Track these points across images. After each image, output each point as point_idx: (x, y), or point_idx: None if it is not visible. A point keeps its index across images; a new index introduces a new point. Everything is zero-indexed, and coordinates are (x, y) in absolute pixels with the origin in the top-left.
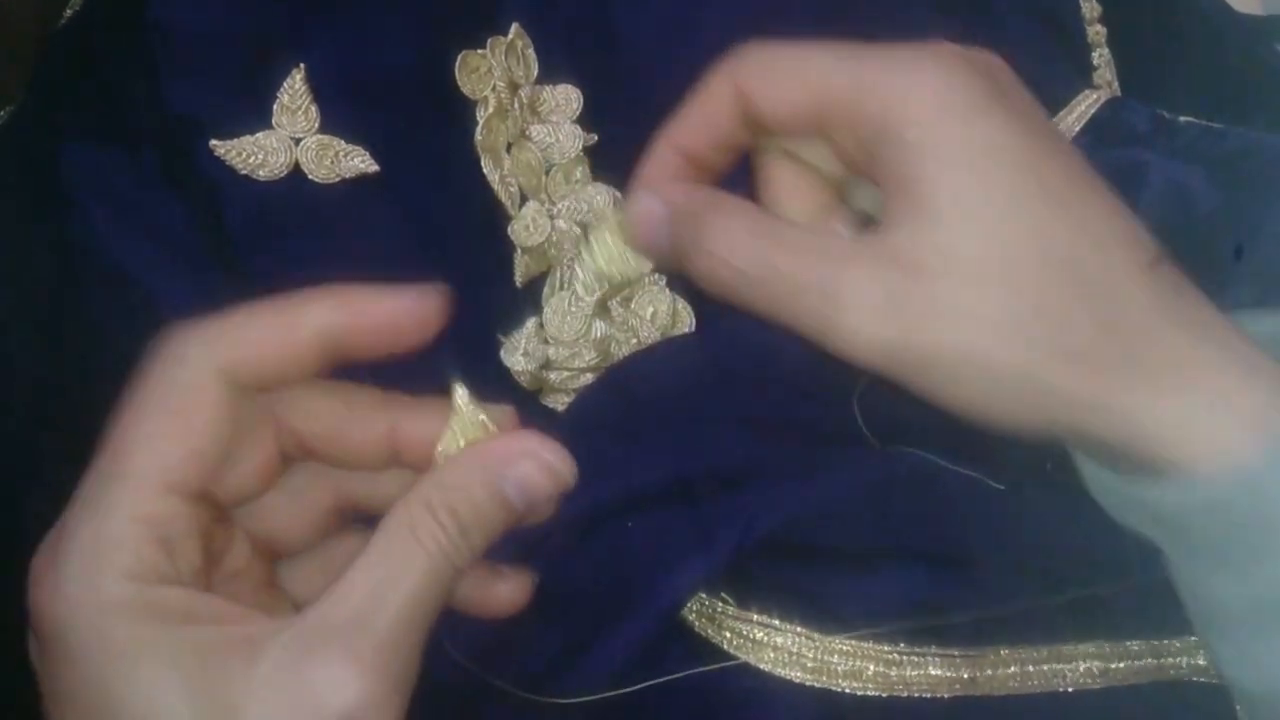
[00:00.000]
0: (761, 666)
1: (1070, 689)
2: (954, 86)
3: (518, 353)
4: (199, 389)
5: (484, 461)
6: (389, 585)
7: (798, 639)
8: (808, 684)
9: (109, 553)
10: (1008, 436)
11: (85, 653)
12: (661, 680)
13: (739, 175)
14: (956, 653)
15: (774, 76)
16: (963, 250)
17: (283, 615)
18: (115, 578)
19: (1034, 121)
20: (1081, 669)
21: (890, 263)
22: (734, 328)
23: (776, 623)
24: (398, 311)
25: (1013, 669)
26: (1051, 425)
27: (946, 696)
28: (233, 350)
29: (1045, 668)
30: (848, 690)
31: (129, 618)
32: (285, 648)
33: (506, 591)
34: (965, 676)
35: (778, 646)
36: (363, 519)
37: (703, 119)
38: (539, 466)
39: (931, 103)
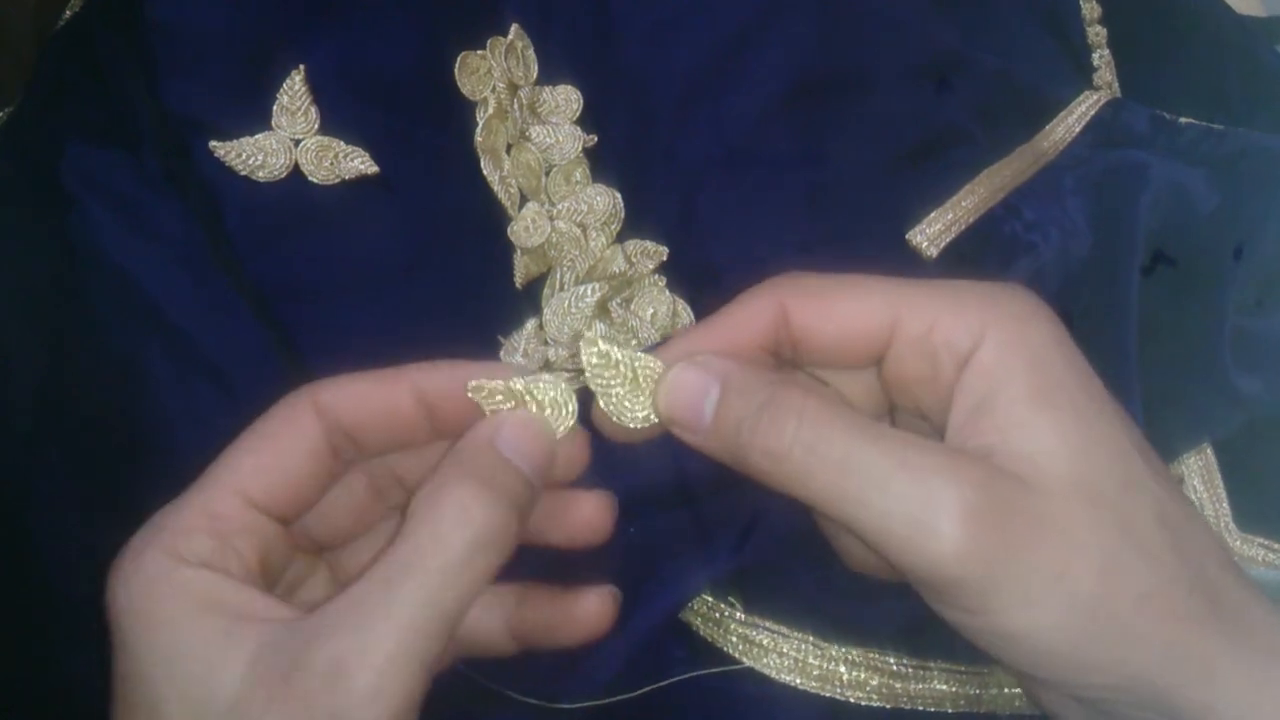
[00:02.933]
0: (766, 672)
1: None
2: (1036, 316)
3: (517, 354)
4: (296, 421)
5: (483, 430)
6: (403, 573)
7: (804, 646)
8: (812, 691)
9: (164, 535)
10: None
11: (126, 622)
12: (664, 684)
13: None
14: (963, 668)
15: (837, 293)
16: (1059, 469)
17: None
18: (163, 557)
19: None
20: None
21: (989, 471)
22: None
23: (783, 629)
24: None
25: (1020, 689)
26: (1120, 674)
27: (951, 712)
28: (334, 398)
29: None
30: (852, 700)
31: (165, 593)
32: (290, 636)
33: (592, 608)
34: (971, 693)
35: (783, 653)
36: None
37: (737, 331)
38: (518, 422)
39: (1016, 326)
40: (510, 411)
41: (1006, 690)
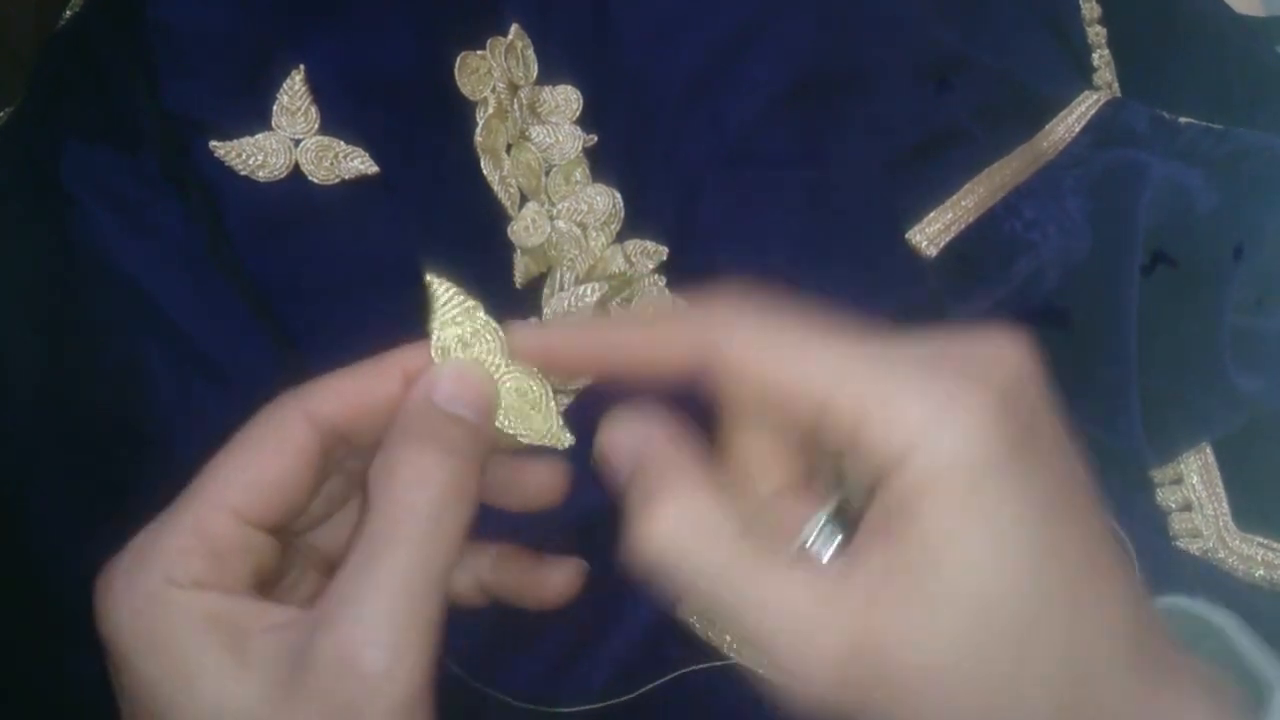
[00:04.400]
0: (760, 671)
1: None
2: (984, 438)
3: None
4: (287, 430)
5: (419, 391)
6: (380, 547)
7: None
8: None
9: (156, 558)
10: None
11: (128, 647)
12: (660, 682)
13: None
14: None
15: (772, 352)
16: (955, 623)
17: None
18: (158, 580)
19: (1060, 477)
20: None
21: (869, 619)
22: None
23: None
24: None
25: None
26: None
27: None
28: (324, 401)
29: None
30: None
31: (164, 615)
32: (298, 629)
33: (559, 580)
34: None
35: None
36: None
37: (657, 356)
38: (452, 373)
39: (957, 439)
40: (443, 364)
41: None
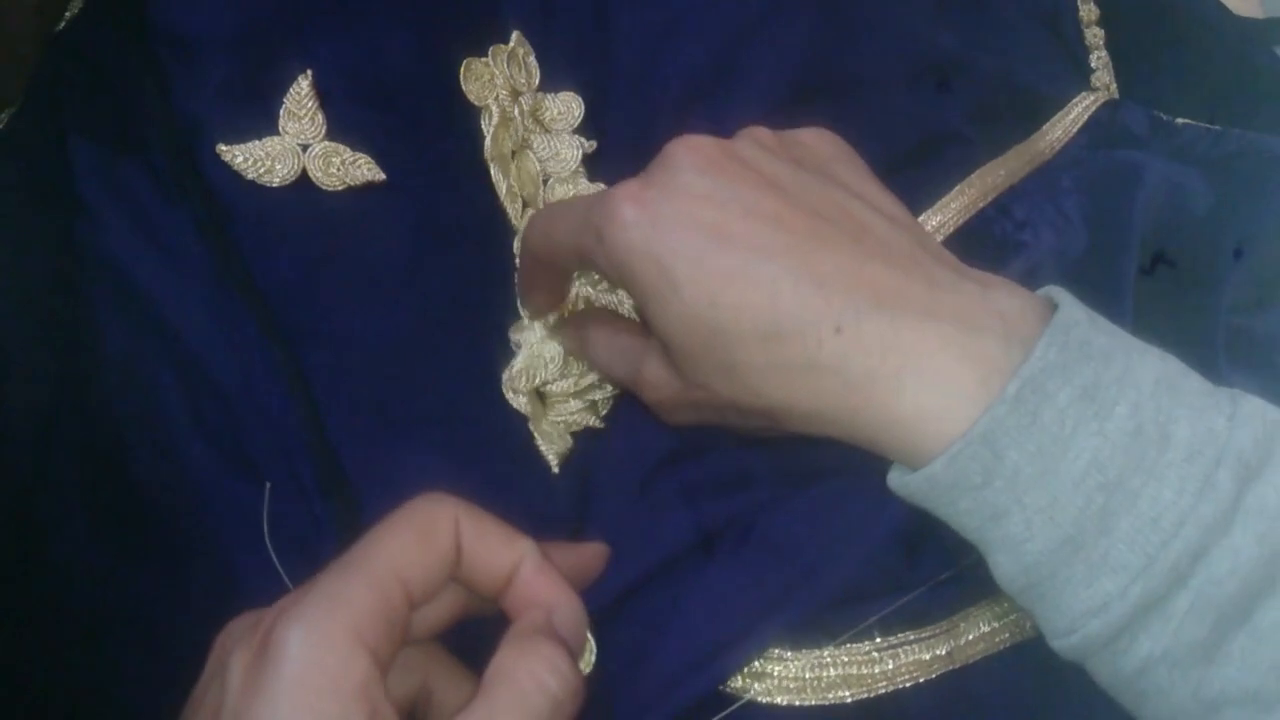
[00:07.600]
0: (760, 700)
1: (1035, 633)
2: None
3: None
4: (443, 526)
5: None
6: None
7: (784, 664)
8: (797, 705)
9: (346, 611)
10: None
11: (274, 668)
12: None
13: None
14: (928, 632)
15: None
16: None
17: None
18: (348, 634)
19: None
20: None
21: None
22: None
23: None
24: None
25: (983, 628)
26: (780, 345)
27: (933, 677)
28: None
29: (1012, 618)
30: (836, 701)
31: (341, 671)
32: None
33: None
34: (943, 653)
35: (769, 675)
36: None
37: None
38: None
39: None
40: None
41: (972, 636)
